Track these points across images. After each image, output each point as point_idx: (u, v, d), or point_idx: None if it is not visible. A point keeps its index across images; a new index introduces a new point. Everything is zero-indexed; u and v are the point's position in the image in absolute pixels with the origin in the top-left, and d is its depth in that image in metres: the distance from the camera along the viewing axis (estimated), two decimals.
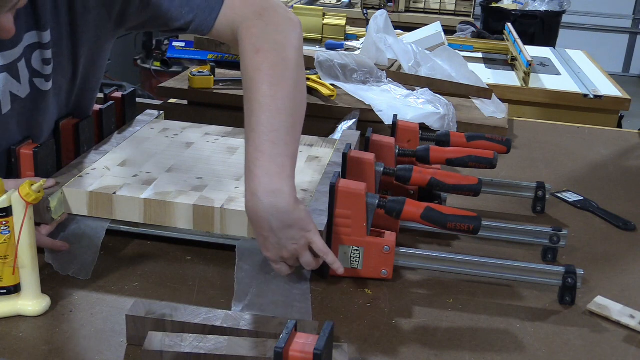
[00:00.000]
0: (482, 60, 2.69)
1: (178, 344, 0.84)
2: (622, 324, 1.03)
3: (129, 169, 1.21)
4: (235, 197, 1.13)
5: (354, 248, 1.08)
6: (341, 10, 3.79)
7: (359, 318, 1.01)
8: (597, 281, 1.14)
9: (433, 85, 1.80)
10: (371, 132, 1.29)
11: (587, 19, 6.49)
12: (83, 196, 1.12)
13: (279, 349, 0.78)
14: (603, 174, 1.63)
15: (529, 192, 1.38)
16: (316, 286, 1.07)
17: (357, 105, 1.67)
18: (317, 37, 2.79)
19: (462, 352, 0.95)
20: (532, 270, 1.07)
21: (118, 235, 1.16)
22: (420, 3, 3.92)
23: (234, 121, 1.65)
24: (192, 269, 1.11)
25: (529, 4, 3.90)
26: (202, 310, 0.92)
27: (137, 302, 0.93)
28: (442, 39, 2.52)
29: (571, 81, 2.42)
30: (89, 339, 0.93)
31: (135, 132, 1.38)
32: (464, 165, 1.31)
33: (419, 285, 1.11)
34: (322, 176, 1.23)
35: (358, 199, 1.06)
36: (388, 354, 0.94)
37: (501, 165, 1.61)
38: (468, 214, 1.09)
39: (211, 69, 1.76)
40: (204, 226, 1.11)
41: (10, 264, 0.94)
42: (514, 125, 1.92)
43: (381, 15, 2.10)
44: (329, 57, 1.78)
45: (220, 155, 1.31)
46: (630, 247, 1.28)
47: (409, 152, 1.32)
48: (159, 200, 1.11)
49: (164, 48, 4.22)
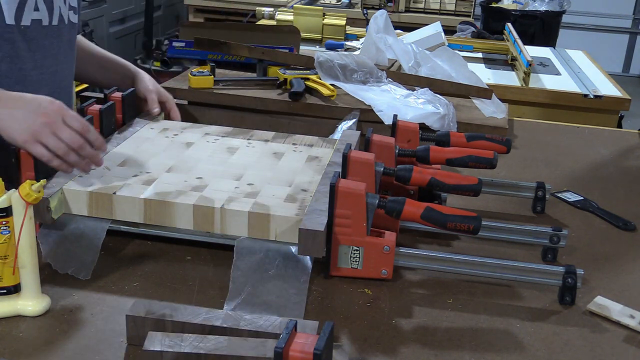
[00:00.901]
0: (482, 60, 2.70)
1: (178, 344, 0.84)
2: (622, 324, 1.03)
3: (129, 169, 1.21)
4: (235, 197, 1.13)
5: (354, 248, 1.08)
6: (341, 10, 3.79)
7: (359, 318, 1.01)
8: (597, 281, 1.14)
9: (433, 85, 1.80)
10: (371, 132, 1.29)
11: (587, 19, 6.48)
12: (83, 196, 1.12)
13: (279, 349, 0.78)
14: (603, 174, 1.63)
15: (529, 192, 1.38)
16: (316, 286, 1.07)
17: (357, 105, 1.67)
18: (317, 37, 2.80)
19: (462, 352, 0.95)
20: (532, 270, 1.07)
21: (118, 235, 1.16)
22: (420, 3, 3.92)
23: (234, 121, 1.66)
24: (192, 269, 1.11)
25: (529, 4, 3.90)
26: (202, 310, 0.92)
27: (137, 302, 0.93)
28: (442, 39, 2.52)
29: (571, 81, 2.42)
30: (89, 339, 0.93)
31: (135, 132, 1.39)
32: (464, 165, 1.31)
33: (419, 285, 1.11)
34: (322, 176, 1.23)
35: (358, 199, 1.06)
36: (388, 354, 0.94)
37: (501, 165, 1.61)
38: (468, 214, 1.09)
39: (211, 69, 1.76)
40: (204, 226, 1.11)
41: (10, 264, 0.94)
42: (514, 125, 1.92)
43: (381, 15, 2.10)
44: (329, 57, 1.78)
45: (220, 155, 1.31)
46: (630, 247, 1.28)
47: (409, 152, 1.32)
48: (159, 200, 1.11)
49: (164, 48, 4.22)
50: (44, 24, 1.34)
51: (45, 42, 1.36)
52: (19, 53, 1.31)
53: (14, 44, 1.30)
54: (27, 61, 1.34)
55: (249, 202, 1.12)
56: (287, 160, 1.31)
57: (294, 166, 1.28)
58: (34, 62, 1.35)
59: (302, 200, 1.14)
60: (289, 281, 1.05)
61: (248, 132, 1.43)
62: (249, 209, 1.09)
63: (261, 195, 1.14)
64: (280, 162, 1.30)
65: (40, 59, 1.36)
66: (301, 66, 1.82)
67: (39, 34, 1.34)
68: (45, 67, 1.38)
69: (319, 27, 2.79)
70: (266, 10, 3.27)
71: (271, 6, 3.40)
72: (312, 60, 1.78)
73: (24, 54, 1.32)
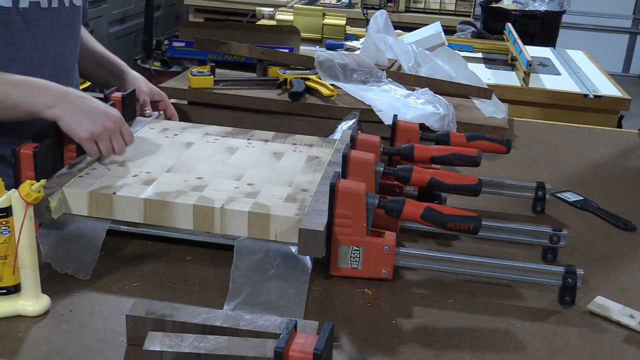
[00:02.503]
0: (482, 60, 2.70)
1: (178, 344, 0.84)
2: (622, 324, 1.03)
3: (129, 169, 1.21)
4: (235, 197, 1.13)
5: (354, 248, 1.08)
6: (341, 10, 3.79)
7: (359, 318, 1.01)
8: (597, 281, 1.14)
9: (433, 85, 1.80)
10: (356, 131, 1.29)
11: (587, 19, 6.48)
12: (83, 196, 1.12)
13: (279, 349, 0.78)
14: (603, 174, 1.63)
15: (529, 192, 1.38)
16: (316, 286, 1.07)
17: (357, 105, 1.67)
18: (317, 37, 2.79)
19: (462, 352, 0.95)
20: (532, 270, 1.07)
21: (118, 235, 1.16)
22: (420, 3, 3.92)
23: (234, 121, 1.66)
24: (192, 269, 1.11)
25: (529, 4, 3.90)
26: (202, 310, 0.91)
27: (137, 302, 0.93)
28: (442, 39, 2.52)
29: (571, 81, 2.42)
30: (89, 339, 0.93)
31: (135, 132, 1.39)
32: (448, 163, 1.31)
33: (419, 285, 1.11)
34: (322, 176, 1.23)
35: (358, 199, 1.06)
36: (388, 354, 0.94)
37: (501, 165, 1.61)
38: (468, 214, 1.09)
39: (211, 69, 1.76)
40: (204, 226, 1.11)
41: (10, 264, 0.94)
42: (514, 125, 1.92)
43: (381, 15, 2.10)
44: (329, 57, 1.78)
45: (220, 155, 1.31)
46: (630, 247, 1.28)
47: (394, 150, 1.32)
48: (159, 200, 1.11)
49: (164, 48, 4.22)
50: (42, 6, 1.35)
51: (45, 23, 1.37)
52: (17, 34, 1.32)
53: (12, 25, 1.31)
54: (26, 43, 1.34)
55: (249, 202, 1.12)
56: (287, 160, 1.31)
57: (294, 166, 1.28)
58: (34, 44, 1.36)
59: (302, 200, 1.14)
60: (289, 281, 1.05)
61: (248, 132, 1.43)
62: (249, 209, 1.09)
63: (261, 195, 1.14)
64: (280, 162, 1.30)
65: (40, 41, 1.37)
66: (301, 66, 1.82)
67: (38, 15, 1.35)
68: (46, 49, 1.39)
69: (319, 27, 2.79)
70: (266, 10, 3.27)
71: (271, 6, 3.40)
72: (312, 60, 1.78)
73: (22, 35, 1.33)
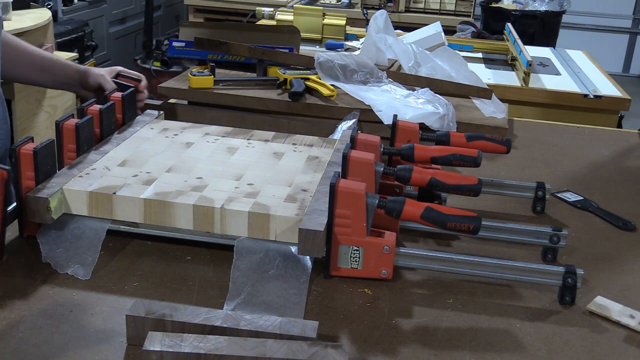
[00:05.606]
0: (482, 60, 2.70)
1: (178, 344, 0.84)
2: (622, 324, 1.03)
3: (129, 169, 1.21)
4: (235, 197, 1.13)
5: (354, 248, 1.08)
6: (341, 10, 3.79)
7: (359, 318, 1.01)
8: (597, 281, 1.14)
9: (433, 85, 1.80)
10: (356, 131, 1.29)
11: (587, 19, 6.49)
12: (83, 196, 1.12)
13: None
14: (603, 174, 1.63)
15: (529, 192, 1.38)
16: (316, 286, 1.07)
17: (357, 105, 1.67)
18: (317, 37, 2.79)
19: (462, 352, 0.95)
20: (532, 270, 1.07)
21: (118, 235, 1.16)
22: (420, 3, 3.92)
23: (234, 121, 1.66)
24: (192, 269, 1.11)
25: (529, 4, 3.90)
26: (202, 310, 0.92)
27: (137, 302, 0.93)
28: (442, 39, 2.52)
29: (571, 81, 2.42)
30: (89, 339, 0.93)
31: (135, 132, 1.39)
32: (448, 163, 1.31)
33: (419, 285, 1.11)
34: (322, 176, 1.23)
35: (358, 199, 1.06)
36: (388, 354, 0.94)
37: (501, 165, 1.61)
38: (468, 214, 1.09)
39: (211, 69, 1.76)
40: (204, 226, 1.11)
41: None
42: (514, 125, 1.92)
43: (381, 15, 2.10)
44: (329, 58, 1.78)
45: (220, 155, 1.31)
46: (630, 247, 1.28)
47: (394, 150, 1.32)
48: (159, 200, 1.11)
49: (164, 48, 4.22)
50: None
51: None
52: None
53: None
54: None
55: (249, 202, 1.12)
56: (287, 160, 1.31)
57: (294, 166, 1.28)
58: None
59: (302, 200, 1.14)
60: (289, 281, 1.05)
61: (248, 132, 1.43)
62: (249, 209, 1.09)
63: (261, 195, 1.14)
64: (280, 162, 1.30)
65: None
66: (301, 66, 1.82)
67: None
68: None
69: (319, 27, 2.79)
70: (266, 10, 3.27)
71: (271, 6, 3.40)
72: (312, 60, 1.78)
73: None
